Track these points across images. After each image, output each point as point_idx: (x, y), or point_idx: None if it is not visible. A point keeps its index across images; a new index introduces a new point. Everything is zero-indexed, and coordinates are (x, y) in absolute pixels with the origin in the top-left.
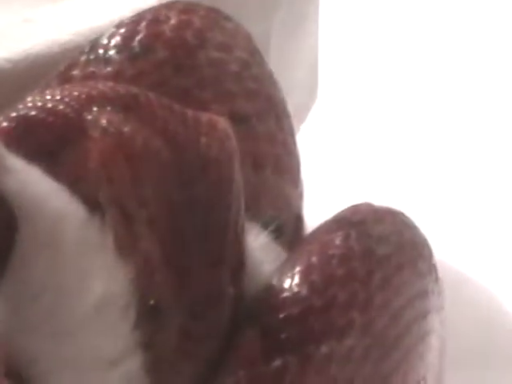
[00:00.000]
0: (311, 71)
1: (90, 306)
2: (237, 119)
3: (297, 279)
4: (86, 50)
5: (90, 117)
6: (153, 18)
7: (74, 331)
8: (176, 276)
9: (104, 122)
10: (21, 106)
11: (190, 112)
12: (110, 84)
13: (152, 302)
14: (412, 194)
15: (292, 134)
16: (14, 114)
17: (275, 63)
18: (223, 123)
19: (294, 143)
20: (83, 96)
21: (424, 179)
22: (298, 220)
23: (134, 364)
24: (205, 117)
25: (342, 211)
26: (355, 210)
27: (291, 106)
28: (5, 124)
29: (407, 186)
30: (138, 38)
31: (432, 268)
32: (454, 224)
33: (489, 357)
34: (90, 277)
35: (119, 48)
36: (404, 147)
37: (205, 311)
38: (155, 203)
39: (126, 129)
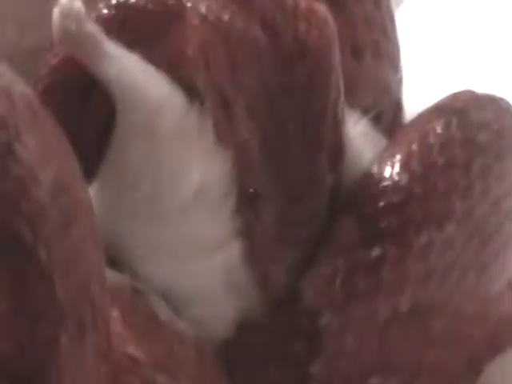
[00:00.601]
0: None
1: (188, 193)
2: (335, 4)
3: (397, 167)
4: None
5: (189, 4)
6: None
7: (173, 218)
8: (274, 162)
9: (203, 9)
10: None
11: None
12: None
13: (251, 189)
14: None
15: (391, 18)
16: (113, 2)
17: None
18: (322, 9)
19: (393, 27)
20: None
21: None
22: (398, 107)
23: (233, 251)
24: (304, 2)
25: (443, 99)
26: (456, 97)
27: None
28: (105, 11)
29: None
30: None
31: None
32: None
33: None
34: (188, 164)
35: None
36: (498, 36)
37: (303, 197)
38: (253, 89)
39: (224, 16)
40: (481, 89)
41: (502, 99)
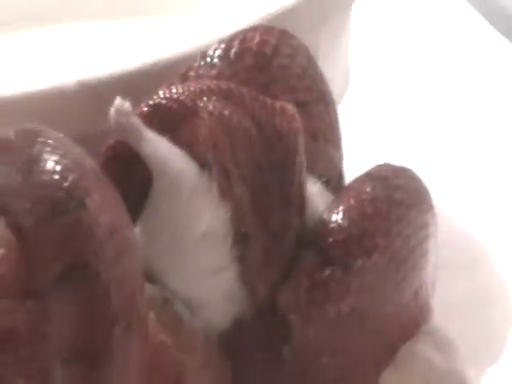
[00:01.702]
0: (345, 70)
1: (200, 233)
2: (299, 105)
3: (340, 215)
4: (198, 58)
5: (201, 104)
6: (243, 37)
7: (189, 250)
8: (259, 213)
9: (210, 107)
10: (155, 96)
11: (268, 100)
12: (215, 82)
13: (243, 230)
14: (419, 157)
15: (335, 115)
16: (150, 102)
17: (322, 65)
18: (291, 108)
19: (337, 121)
20: (197, 90)
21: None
22: (340, 175)
23: (231, 273)
24: (278, 104)
25: (371, 169)
26: (379, 168)
27: (333, 94)
28: (144, 108)
29: (416, 150)
30: (233, 50)
31: (430, 208)
32: (445, 180)
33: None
34: (199, 214)
35: (220, 57)
36: (416, 122)
37: (279, 235)
38: (245, 163)
39: (225, 112)
40: (396, 161)
41: (410, 169)
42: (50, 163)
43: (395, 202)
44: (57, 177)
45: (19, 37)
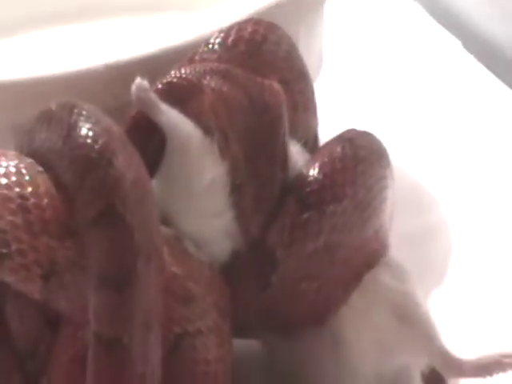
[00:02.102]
0: (320, 54)
1: (204, 184)
2: (283, 83)
3: (316, 170)
4: (202, 45)
5: (205, 82)
6: (238, 27)
7: (197, 197)
8: (251, 166)
9: (212, 84)
10: (167, 76)
11: (258, 79)
12: (216, 64)
13: (238, 182)
14: (379, 124)
15: (312, 91)
16: (164, 80)
17: (301, 50)
18: (276, 85)
19: (313, 94)
20: (201, 70)
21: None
22: (316, 138)
23: (229, 216)
24: (266, 82)
25: (340, 133)
26: (347, 132)
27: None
28: (159, 85)
29: (376, 118)
30: (231, 38)
31: (388, 164)
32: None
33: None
34: (204, 169)
35: (220, 44)
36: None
37: (266, 185)
38: (240, 129)
39: (224, 88)
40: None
41: (371, 133)
42: (84, 130)
43: (360, 158)
44: (89, 140)
45: (49, 32)
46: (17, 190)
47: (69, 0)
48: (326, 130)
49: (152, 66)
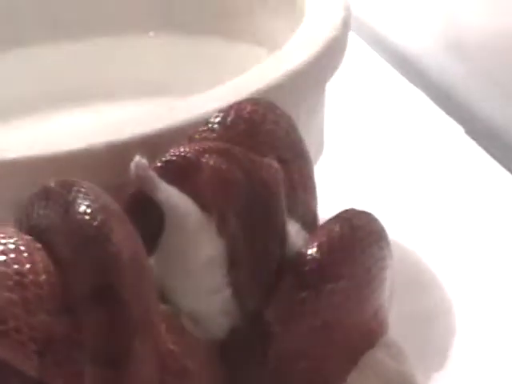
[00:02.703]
0: (320, 136)
1: (201, 262)
2: (281, 162)
3: (315, 249)
4: (202, 125)
5: (203, 160)
6: (237, 107)
7: (193, 275)
8: (249, 245)
9: (211, 162)
10: (167, 154)
11: (256, 158)
12: (215, 143)
13: (235, 258)
14: (377, 203)
15: (312, 170)
16: (163, 158)
17: (302, 129)
18: (274, 164)
19: (313, 175)
20: (200, 149)
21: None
22: (315, 217)
23: (226, 292)
24: (265, 160)
25: (339, 212)
26: (346, 212)
27: (310, 155)
28: (159, 164)
29: (374, 198)
30: (230, 118)
31: (387, 244)
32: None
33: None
34: (201, 246)
35: (219, 123)
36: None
37: (264, 263)
38: (237, 205)
39: (222, 166)
40: (360, 207)
41: (370, 213)
42: (83, 206)
43: (358, 238)
44: (87, 217)
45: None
46: (15, 267)
47: (71, 84)
48: (326, 210)
49: (152, 144)
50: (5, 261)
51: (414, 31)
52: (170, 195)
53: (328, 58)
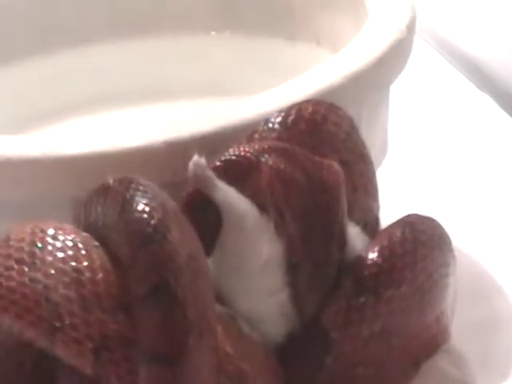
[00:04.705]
0: (384, 138)
1: (261, 261)
2: (342, 163)
3: (375, 253)
4: (262, 124)
5: (262, 160)
6: (299, 107)
7: (252, 276)
8: (307, 247)
9: (270, 162)
10: (226, 153)
11: (317, 158)
12: (274, 142)
13: (294, 261)
14: (442, 209)
15: (373, 172)
16: (222, 158)
17: (364, 131)
18: (335, 165)
19: (375, 178)
20: (260, 148)
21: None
22: (377, 221)
23: (284, 295)
24: (325, 161)
25: (402, 217)
26: (408, 216)
27: (373, 157)
28: (217, 163)
29: (439, 204)
30: (291, 118)
31: (450, 250)
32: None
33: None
34: (260, 247)
35: (280, 123)
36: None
37: (323, 266)
38: (297, 206)
39: (281, 166)
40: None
41: (433, 218)
42: (140, 205)
43: (420, 243)
44: (145, 215)
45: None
46: (72, 263)
47: (131, 83)
48: (389, 214)
49: (211, 143)
50: (62, 258)
51: (482, 37)
52: (228, 195)
53: (391, 60)
